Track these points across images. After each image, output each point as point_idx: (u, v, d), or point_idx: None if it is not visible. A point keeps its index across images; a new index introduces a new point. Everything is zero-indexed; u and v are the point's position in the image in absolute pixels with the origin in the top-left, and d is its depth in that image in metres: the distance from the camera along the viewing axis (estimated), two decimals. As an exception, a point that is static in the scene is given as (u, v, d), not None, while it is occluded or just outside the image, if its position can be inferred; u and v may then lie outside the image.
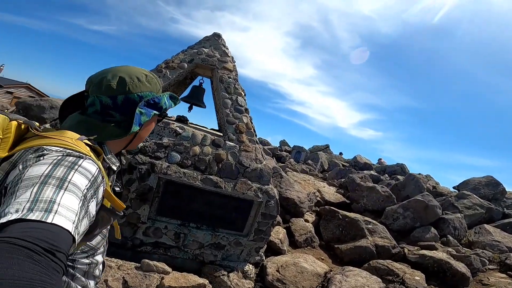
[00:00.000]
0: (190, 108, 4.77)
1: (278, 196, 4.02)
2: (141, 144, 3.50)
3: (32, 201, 0.52)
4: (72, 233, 0.53)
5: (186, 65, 4.16)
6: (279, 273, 3.91)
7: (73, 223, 0.54)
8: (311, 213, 6.77)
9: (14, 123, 0.73)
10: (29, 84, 27.15)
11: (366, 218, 6.08)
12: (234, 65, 4.46)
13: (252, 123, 4.26)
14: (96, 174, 0.68)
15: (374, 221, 6.07)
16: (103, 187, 0.71)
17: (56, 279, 0.45)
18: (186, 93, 4.69)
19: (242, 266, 3.80)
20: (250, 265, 3.92)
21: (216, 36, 4.54)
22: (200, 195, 3.59)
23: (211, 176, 3.59)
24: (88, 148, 0.73)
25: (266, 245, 4.31)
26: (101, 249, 0.90)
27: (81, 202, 0.59)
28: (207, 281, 3.15)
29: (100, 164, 0.74)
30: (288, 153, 15.08)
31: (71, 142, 0.69)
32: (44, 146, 0.66)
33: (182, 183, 3.47)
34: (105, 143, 0.85)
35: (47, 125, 1.07)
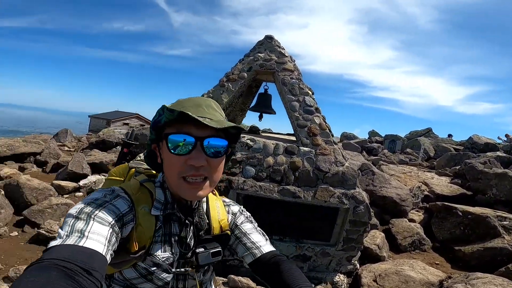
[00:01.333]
0: (260, 117, 4.76)
1: (368, 200, 3.57)
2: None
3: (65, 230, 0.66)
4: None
5: (245, 74, 4.15)
6: (377, 284, 3.43)
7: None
8: (417, 211, 5.86)
9: (132, 170, 1.04)
10: (138, 114, 32.82)
11: (499, 213, 4.86)
12: (295, 64, 4.22)
13: (326, 122, 3.92)
14: (123, 211, 0.78)
15: (511, 216, 4.80)
16: (132, 225, 0.79)
17: None
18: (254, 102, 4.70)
19: (331, 277, 3.52)
20: (341, 275, 3.60)
21: (269, 39, 4.39)
22: (280, 206, 3.48)
23: (288, 187, 3.44)
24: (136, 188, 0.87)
25: (359, 253, 3.89)
26: (164, 274, 0.85)
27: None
28: None
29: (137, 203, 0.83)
30: (380, 144, 13.60)
31: (125, 185, 0.87)
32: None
33: (260, 196, 3.43)
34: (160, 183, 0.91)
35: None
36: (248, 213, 1.04)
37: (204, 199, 0.95)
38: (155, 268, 0.84)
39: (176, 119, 0.76)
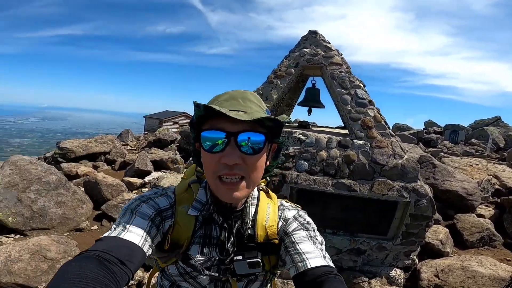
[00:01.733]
0: (309, 111, 4.74)
1: (432, 193, 3.36)
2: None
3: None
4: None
5: (293, 70, 4.17)
6: (439, 279, 3.23)
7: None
8: (487, 206, 5.36)
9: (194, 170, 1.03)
10: (186, 113, 34.61)
11: None
12: (343, 58, 4.13)
13: (381, 115, 3.77)
14: (162, 207, 0.81)
15: None
16: (170, 222, 0.81)
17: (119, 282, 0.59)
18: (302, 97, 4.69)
19: (387, 271, 3.41)
20: (398, 270, 3.47)
21: (313, 34, 4.36)
22: (334, 200, 3.46)
23: (342, 180, 3.40)
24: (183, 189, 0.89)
25: (419, 248, 3.71)
26: (200, 277, 0.83)
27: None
28: None
29: (179, 201, 0.85)
30: (439, 135, 12.49)
31: (177, 185, 0.92)
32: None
33: (313, 190, 3.45)
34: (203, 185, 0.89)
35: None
36: (307, 219, 0.87)
37: (254, 201, 0.87)
38: (190, 269, 0.82)
39: (210, 115, 0.71)
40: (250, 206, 0.85)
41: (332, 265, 0.77)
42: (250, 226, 0.83)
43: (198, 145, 0.80)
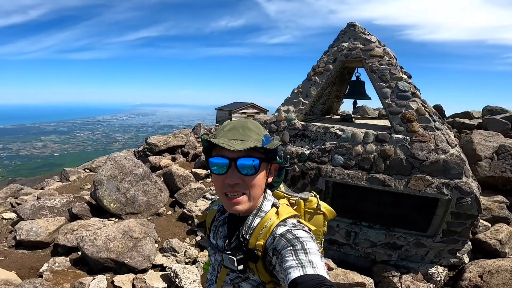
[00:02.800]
0: (354, 104, 4.72)
1: (479, 191, 3.13)
2: (307, 152, 3.98)
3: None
4: None
5: (331, 66, 4.20)
6: (482, 280, 3.03)
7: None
8: None
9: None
10: (253, 103, 35.86)
11: None
12: (385, 49, 3.95)
13: (426, 107, 3.59)
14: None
15: None
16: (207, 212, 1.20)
17: None
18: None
19: (426, 268, 3.35)
20: (440, 268, 3.37)
21: (351, 27, 4.24)
22: (370, 194, 3.53)
23: (377, 175, 3.44)
24: None
25: (471, 247, 3.48)
26: (213, 257, 1.13)
27: None
28: (371, 281, 3.09)
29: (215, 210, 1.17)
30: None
31: None
32: None
33: (347, 184, 3.58)
34: None
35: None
36: (297, 234, 0.86)
37: (262, 214, 0.97)
38: (210, 248, 1.13)
39: (214, 145, 0.88)
40: (256, 217, 0.97)
41: (319, 273, 0.73)
42: (249, 233, 0.95)
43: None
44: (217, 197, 1.09)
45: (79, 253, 3.45)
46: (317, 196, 1.19)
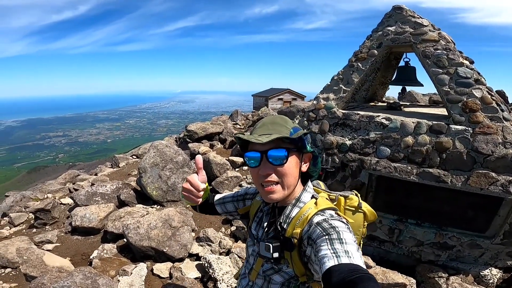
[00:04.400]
0: (403, 91, 4.25)
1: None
2: (348, 142, 3.67)
3: None
4: None
5: (375, 51, 3.79)
6: None
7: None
8: None
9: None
10: (290, 89, 35.08)
11: None
12: (440, 33, 3.46)
13: (493, 95, 3.06)
14: (249, 192, 1.36)
15: None
16: (250, 202, 1.31)
17: None
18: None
19: (478, 270, 2.96)
20: (494, 270, 2.96)
21: (398, 10, 3.76)
22: (419, 189, 3.16)
23: (430, 169, 3.04)
24: None
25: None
26: (250, 248, 1.20)
27: None
28: (413, 281, 2.79)
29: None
30: None
31: None
32: None
33: (394, 178, 3.24)
34: None
35: None
36: (333, 223, 0.85)
37: (300, 204, 1.01)
38: (249, 238, 1.19)
39: (247, 141, 0.97)
40: (294, 207, 1.01)
41: (355, 262, 0.70)
42: (287, 222, 0.99)
43: None
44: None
45: (124, 240, 3.62)
46: (359, 195, 1.18)
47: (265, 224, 1.08)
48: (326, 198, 1.09)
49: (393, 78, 4.38)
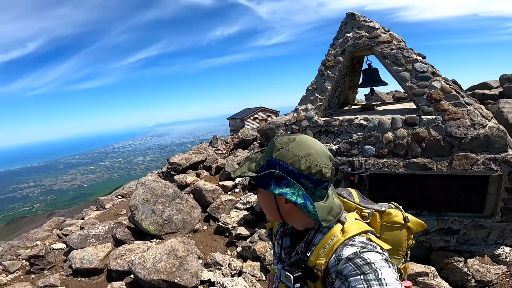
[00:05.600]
0: (371, 91, 4.57)
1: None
2: (334, 147, 3.84)
3: None
4: None
5: (341, 58, 4.09)
6: None
7: None
8: None
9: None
10: (263, 107, 35.82)
11: None
12: (391, 34, 3.85)
13: (450, 84, 3.40)
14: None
15: None
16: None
17: None
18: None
19: (491, 250, 3.10)
20: (506, 248, 3.12)
21: (351, 16, 4.14)
22: (411, 180, 3.35)
23: (415, 160, 3.26)
24: None
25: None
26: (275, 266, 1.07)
27: None
28: (432, 269, 2.88)
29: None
30: None
31: None
32: None
33: (384, 173, 3.41)
34: None
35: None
36: (368, 259, 0.73)
37: (325, 230, 0.87)
38: (274, 256, 1.09)
39: None
40: (318, 233, 0.87)
41: None
42: (310, 250, 0.86)
43: None
44: None
45: (132, 276, 3.47)
46: (400, 207, 1.04)
47: (285, 245, 1.00)
48: (356, 218, 0.90)
49: (360, 82, 4.70)
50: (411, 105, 4.31)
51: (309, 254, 0.86)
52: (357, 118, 3.80)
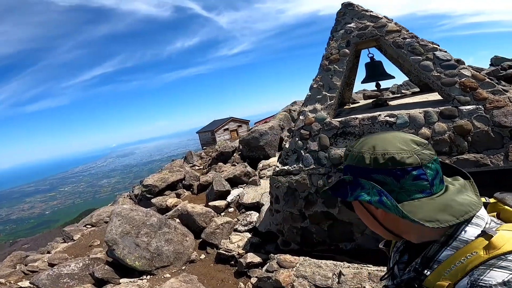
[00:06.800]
0: (377, 86, 4.12)
1: None
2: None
3: None
4: None
5: (347, 50, 3.69)
6: None
7: None
8: None
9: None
10: (233, 117, 35.10)
11: None
12: (396, 23, 3.50)
13: (480, 71, 3.02)
14: None
15: None
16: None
17: None
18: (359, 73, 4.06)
19: None
20: None
21: (349, 6, 3.84)
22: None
23: (464, 156, 2.76)
24: None
25: None
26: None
27: None
28: None
29: None
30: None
31: None
32: None
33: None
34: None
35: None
36: None
37: (457, 244, 0.64)
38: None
39: None
40: (445, 247, 0.66)
41: None
42: (430, 267, 0.67)
43: None
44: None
45: None
46: None
47: (402, 260, 0.81)
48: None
49: (365, 76, 4.22)
50: (425, 97, 3.92)
51: (427, 272, 0.67)
52: (380, 115, 3.27)
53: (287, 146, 3.91)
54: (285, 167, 3.77)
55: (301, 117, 3.91)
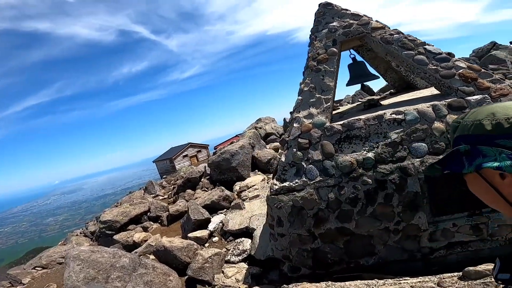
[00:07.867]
0: (363, 87, 3.97)
1: None
2: (371, 154, 2.91)
3: None
4: None
5: (334, 49, 3.51)
6: None
7: None
8: None
9: None
10: (191, 142, 33.70)
11: None
12: (377, 21, 3.51)
13: (475, 62, 2.98)
14: None
15: None
16: None
17: None
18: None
19: None
20: None
21: (328, 6, 3.77)
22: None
23: (486, 148, 2.57)
24: None
25: None
26: None
27: None
28: None
29: None
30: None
31: None
32: None
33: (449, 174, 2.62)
34: None
35: None
36: None
37: None
38: None
39: None
40: None
41: None
42: None
43: None
44: None
45: None
46: None
47: (502, 276, 0.66)
48: None
49: (350, 78, 4.03)
50: (414, 94, 3.84)
51: None
52: (385, 113, 3.00)
53: (283, 159, 3.41)
54: (285, 184, 3.23)
55: (295, 125, 3.49)
